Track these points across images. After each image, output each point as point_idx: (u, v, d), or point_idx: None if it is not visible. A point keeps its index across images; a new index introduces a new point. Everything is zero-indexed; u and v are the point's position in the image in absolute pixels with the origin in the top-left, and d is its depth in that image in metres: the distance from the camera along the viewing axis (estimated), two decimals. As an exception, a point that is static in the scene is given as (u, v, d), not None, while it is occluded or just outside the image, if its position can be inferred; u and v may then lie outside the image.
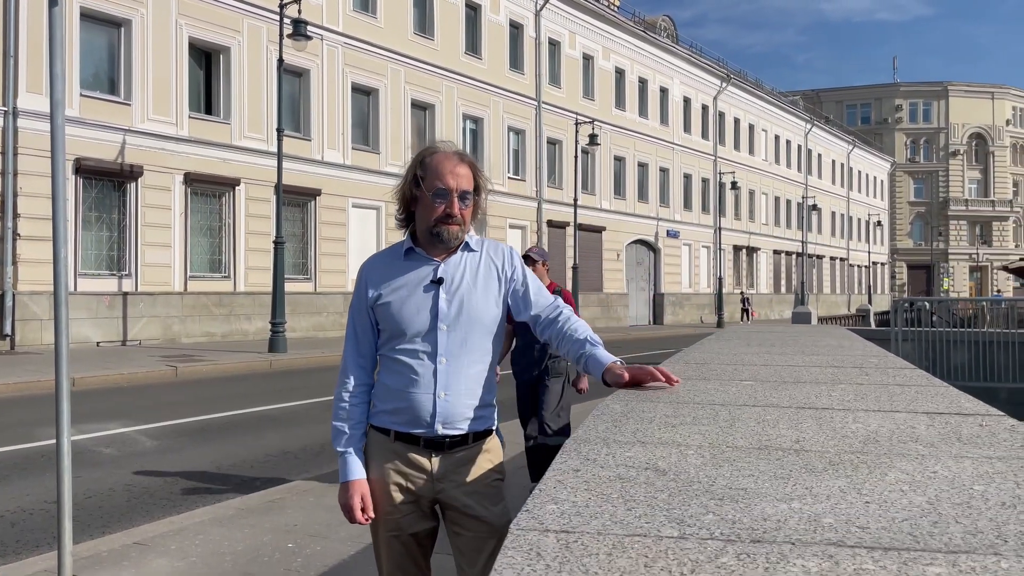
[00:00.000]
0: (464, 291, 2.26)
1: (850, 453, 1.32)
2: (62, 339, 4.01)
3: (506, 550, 0.81)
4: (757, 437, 1.45)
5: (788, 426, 1.57)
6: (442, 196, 2.24)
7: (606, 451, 1.32)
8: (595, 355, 2.25)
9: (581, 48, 34.38)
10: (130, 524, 5.50)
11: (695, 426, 1.56)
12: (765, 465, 1.22)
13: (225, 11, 20.69)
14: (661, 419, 1.64)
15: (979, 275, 72.25)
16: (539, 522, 0.91)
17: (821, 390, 2.14)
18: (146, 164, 18.89)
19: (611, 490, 1.07)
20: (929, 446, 1.37)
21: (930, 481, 1.15)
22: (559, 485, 1.08)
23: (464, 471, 2.28)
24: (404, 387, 2.25)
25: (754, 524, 0.93)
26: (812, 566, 0.81)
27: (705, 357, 3.20)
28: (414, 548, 2.37)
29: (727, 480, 1.13)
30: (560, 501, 1.00)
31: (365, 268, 2.39)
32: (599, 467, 1.20)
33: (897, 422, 1.61)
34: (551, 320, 2.38)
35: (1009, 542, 0.88)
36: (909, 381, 2.33)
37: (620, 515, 0.95)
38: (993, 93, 73.57)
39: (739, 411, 1.77)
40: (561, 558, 0.80)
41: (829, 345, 3.87)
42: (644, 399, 1.95)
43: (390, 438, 2.30)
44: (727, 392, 2.12)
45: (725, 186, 42.20)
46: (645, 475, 1.15)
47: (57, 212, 3.99)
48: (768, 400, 1.95)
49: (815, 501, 1.03)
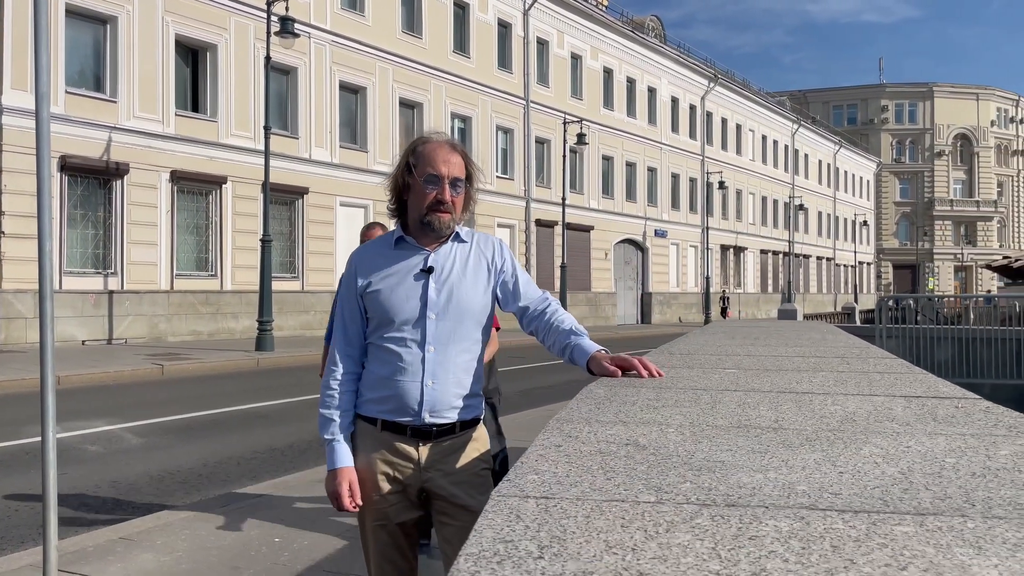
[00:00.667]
0: (454, 280, 2.27)
1: (827, 431, 1.35)
2: (47, 332, 4.00)
3: (486, 514, 0.83)
4: (737, 417, 1.48)
5: (768, 408, 1.59)
6: (433, 182, 2.24)
7: (588, 429, 1.33)
8: (580, 344, 2.27)
9: (569, 47, 34.43)
10: (116, 520, 5.49)
11: (676, 408, 1.59)
12: (743, 441, 1.25)
13: (212, 8, 20.61)
14: (643, 402, 1.66)
15: (964, 275, 72.80)
16: (519, 489, 0.93)
17: (802, 377, 2.17)
18: (132, 162, 18.80)
19: (591, 463, 1.09)
20: (904, 425, 1.40)
21: (903, 455, 1.17)
22: (541, 459, 1.10)
23: (451, 460, 2.29)
24: (392, 375, 2.25)
25: (729, 491, 0.95)
26: (784, 526, 0.83)
27: (690, 348, 3.23)
28: (401, 538, 2.37)
29: (705, 454, 1.15)
30: (541, 472, 1.02)
31: (355, 256, 2.40)
32: (580, 443, 1.22)
33: (875, 404, 1.64)
34: (539, 313, 2.38)
35: (976, 506, 0.91)
36: (889, 369, 2.36)
37: (599, 484, 0.97)
38: (978, 94, 74.14)
39: (720, 395, 1.79)
40: (540, 520, 0.81)
41: (812, 338, 3.90)
42: (627, 384, 1.97)
43: (377, 427, 2.30)
44: (709, 379, 2.14)
45: (712, 186, 42.36)
46: (625, 450, 1.17)
47: (43, 204, 3.98)
48: (749, 385, 1.97)
49: (790, 472, 1.06)
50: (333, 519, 5.15)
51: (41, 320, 4.02)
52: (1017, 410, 1.54)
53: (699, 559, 0.73)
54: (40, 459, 6.99)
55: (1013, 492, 0.96)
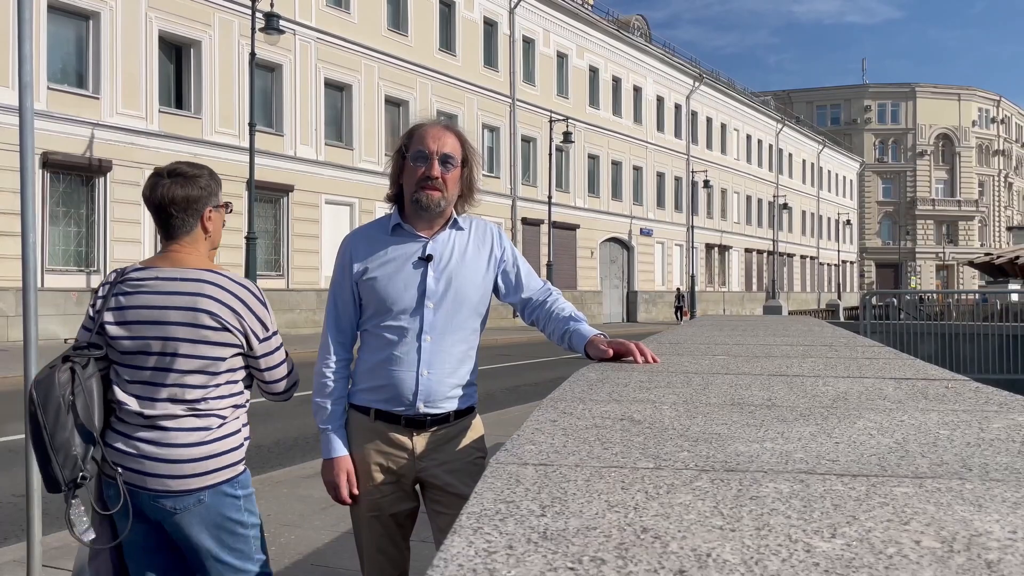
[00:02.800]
0: (453, 269, 2.24)
1: (820, 408, 1.35)
2: (31, 328, 3.96)
3: (485, 478, 0.83)
4: (730, 396, 1.48)
5: (760, 388, 1.60)
6: (422, 158, 2.21)
7: (582, 407, 1.33)
8: (579, 330, 2.26)
9: (555, 46, 34.45)
10: (100, 516, 5.44)
11: (669, 388, 1.59)
12: (738, 417, 1.25)
13: (195, 4, 20.47)
14: (636, 383, 1.66)
15: (945, 273, 73.42)
16: (517, 458, 0.92)
17: (792, 362, 2.18)
18: (115, 159, 18.64)
19: (588, 435, 1.08)
20: (897, 403, 1.41)
21: (897, 427, 1.18)
22: (537, 432, 1.10)
23: (446, 450, 2.27)
24: (386, 364, 2.22)
25: (727, 459, 0.95)
26: (784, 488, 0.83)
27: (678, 339, 3.24)
28: (394, 529, 2.34)
29: (701, 428, 1.15)
30: (538, 443, 1.01)
31: (349, 242, 2.34)
32: (575, 418, 1.22)
33: (866, 385, 1.64)
34: (540, 303, 2.37)
35: (973, 470, 0.91)
36: (877, 355, 2.37)
37: (597, 452, 0.97)
38: (960, 95, 74.77)
39: (712, 378, 1.80)
40: (540, 483, 0.81)
41: (799, 329, 3.93)
42: (620, 368, 1.97)
43: (370, 417, 2.27)
44: (700, 363, 2.15)
45: (698, 185, 42.51)
46: (621, 424, 1.17)
47: (26, 198, 3.94)
48: (740, 369, 1.98)
49: (786, 442, 1.06)
50: (320, 514, 5.13)
51: (25, 315, 3.98)
52: None
53: (701, 516, 0.73)
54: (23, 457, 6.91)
55: (1009, 459, 0.97)
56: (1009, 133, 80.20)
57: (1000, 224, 77.89)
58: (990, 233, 77.22)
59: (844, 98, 74.82)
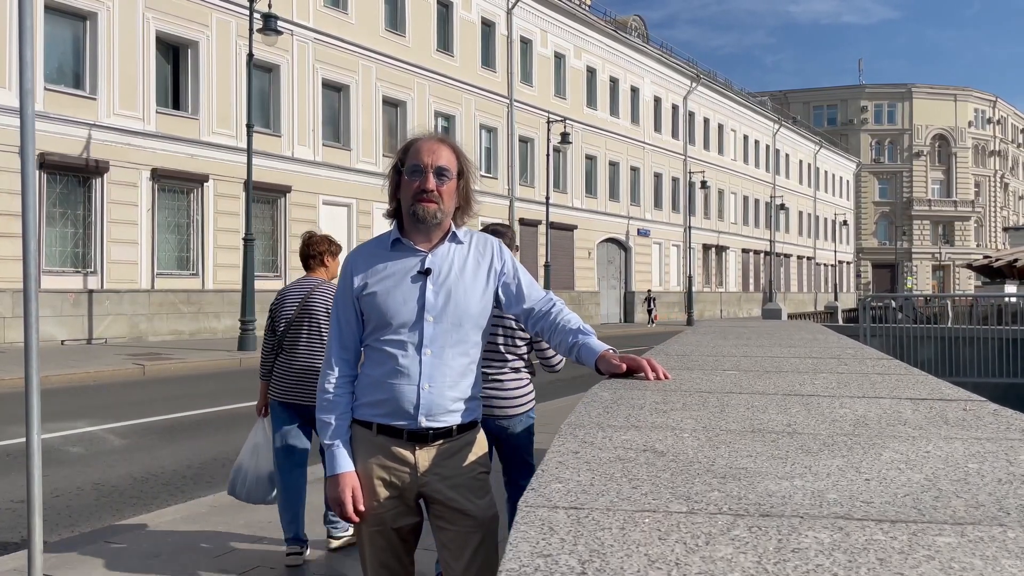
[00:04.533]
0: (452, 283, 2.24)
1: (842, 435, 1.33)
2: (32, 333, 3.94)
3: (518, 525, 0.81)
4: (749, 421, 1.46)
5: (777, 411, 1.58)
6: (417, 172, 2.21)
7: (602, 435, 1.32)
8: (588, 344, 2.25)
9: (553, 47, 34.44)
10: (99, 523, 5.42)
11: (686, 411, 1.57)
12: (761, 447, 1.23)
13: (193, 5, 20.43)
14: (651, 406, 1.64)
15: (942, 274, 73.58)
16: (547, 499, 0.91)
17: (804, 378, 2.16)
18: (112, 159, 18.60)
19: (613, 470, 1.07)
20: (918, 428, 1.39)
21: (925, 460, 1.16)
22: (561, 466, 1.08)
23: (448, 464, 2.26)
24: (387, 378, 2.22)
25: (760, 500, 0.93)
26: (824, 537, 0.81)
27: (685, 349, 3.22)
28: (397, 543, 2.34)
29: (726, 460, 1.13)
30: (564, 480, 1.00)
31: (351, 258, 2.35)
32: (597, 449, 1.20)
33: (883, 407, 1.63)
34: (544, 313, 2.36)
35: (1012, 514, 0.90)
36: (888, 370, 2.36)
37: (626, 492, 0.95)
38: (956, 95, 74.93)
39: (727, 398, 1.78)
40: (575, 532, 0.79)
41: (804, 338, 3.91)
42: (632, 387, 1.95)
43: (372, 431, 2.27)
44: (712, 381, 2.13)
45: (695, 185, 42.54)
46: (644, 456, 1.15)
47: (27, 203, 3.92)
48: (754, 388, 1.96)
49: (816, 479, 1.04)
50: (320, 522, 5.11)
51: (26, 321, 3.96)
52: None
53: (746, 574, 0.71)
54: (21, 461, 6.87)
55: (1043, 500, 0.95)
56: (1005, 134, 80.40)
57: (996, 224, 78.07)
58: (986, 234, 77.39)
59: (840, 98, 74.95)
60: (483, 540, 2.29)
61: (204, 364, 15.03)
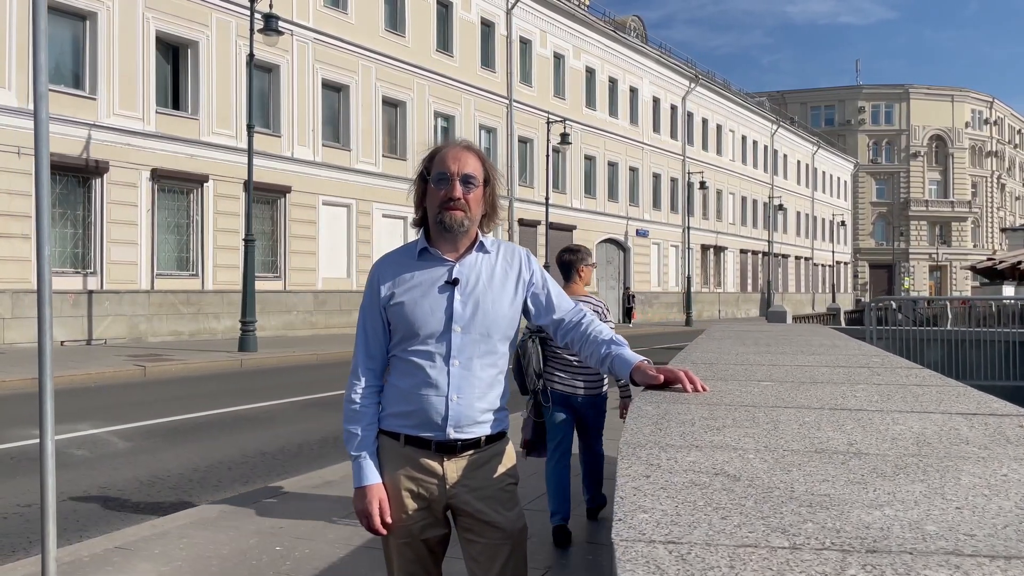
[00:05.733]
0: (480, 293, 2.22)
1: (910, 456, 1.31)
2: (46, 339, 3.92)
3: (622, 563, 0.78)
4: (808, 440, 1.44)
5: (832, 428, 1.56)
6: (444, 180, 2.21)
7: (665, 456, 1.29)
8: (621, 355, 2.22)
9: (552, 47, 34.42)
10: (108, 527, 5.38)
11: (738, 429, 1.54)
12: (833, 469, 1.20)
13: (193, 5, 20.37)
14: (701, 422, 1.62)
15: (939, 274, 73.71)
16: (640, 532, 0.88)
17: (843, 391, 2.14)
18: (112, 159, 18.54)
19: (693, 497, 1.04)
20: (983, 448, 1.37)
21: (1005, 485, 1.14)
22: (638, 492, 1.05)
23: (477, 476, 2.24)
24: (415, 389, 2.20)
25: (858, 533, 0.91)
26: (943, 577, 0.78)
27: (708, 357, 3.20)
28: (426, 555, 2.32)
29: (804, 485, 1.11)
30: (648, 510, 0.97)
31: (377, 267, 2.33)
32: (667, 472, 1.17)
33: (936, 424, 1.60)
34: (574, 324, 2.34)
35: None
36: (924, 381, 2.34)
37: (717, 524, 0.92)
38: (953, 96, 75.06)
39: (774, 412, 1.75)
40: (684, 572, 0.76)
41: (824, 344, 3.88)
42: (673, 400, 1.92)
43: (400, 442, 2.25)
44: (751, 393, 2.10)
45: (693, 186, 42.55)
46: (719, 481, 1.12)
47: (41, 207, 3.89)
48: (796, 401, 1.93)
49: (904, 507, 1.02)
50: (333, 527, 5.08)
51: (40, 326, 3.94)
52: None
53: (880, 623, 0.68)
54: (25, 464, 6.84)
55: None
56: (1002, 134, 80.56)
57: (993, 225, 78.24)
58: (983, 234, 77.55)
59: (838, 99, 75.05)
60: (512, 552, 2.27)
61: (205, 365, 14.98)
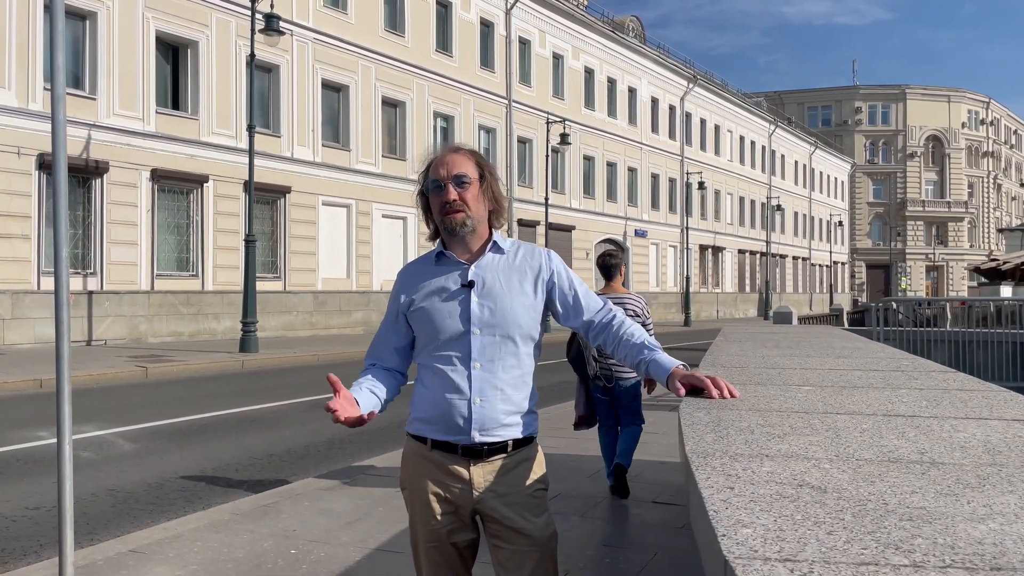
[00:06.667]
0: (497, 294, 2.21)
1: (986, 466, 1.29)
2: (63, 341, 3.89)
3: (748, 584, 0.76)
4: (875, 448, 1.41)
5: (894, 436, 1.53)
6: (438, 188, 2.22)
7: (740, 466, 1.26)
8: (656, 359, 2.20)
9: (551, 47, 34.42)
10: (118, 530, 5.35)
11: (800, 436, 1.52)
12: (916, 480, 1.18)
13: (193, 5, 20.31)
14: (759, 429, 1.59)
15: (935, 274, 73.85)
16: (750, 549, 0.85)
17: (887, 395, 2.12)
18: (112, 160, 18.48)
19: (788, 510, 1.01)
20: (1057, 457, 1.35)
21: (1097, 496, 1.11)
22: (729, 505, 1.03)
23: (504, 481, 2.21)
24: (439, 393, 2.20)
25: (973, 548, 0.88)
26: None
27: (736, 361, 3.17)
28: (455, 559, 2.30)
29: (895, 497, 1.08)
30: (748, 524, 0.94)
31: (400, 275, 2.36)
32: (749, 484, 1.15)
33: (998, 430, 1.58)
34: (605, 325, 2.32)
35: None
36: (964, 386, 2.32)
37: (824, 539, 0.90)
38: (949, 96, 75.23)
39: (828, 419, 1.73)
40: (815, 594, 0.74)
41: (846, 347, 3.86)
42: (722, 407, 1.90)
43: (427, 446, 2.24)
44: (796, 399, 2.08)
45: (692, 186, 42.58)
46: (807, 492, 1.10)
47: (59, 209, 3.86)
48: (846, 407, 1.91)
49: (1006, 520, 0.99)
50: (347, 529, 5.05)
51: (57, 329, 3.91)
52: None
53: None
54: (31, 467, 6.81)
55: None
56: (998, 135, 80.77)
57: (989, 225, 78.43)
58: (979, 234, 77.72)
59: (835, 99, 75.17)
60: (540, 560, 2.25)
61: (206, 366, 14.94)
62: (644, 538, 4.94)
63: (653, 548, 4.71)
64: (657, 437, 7.77)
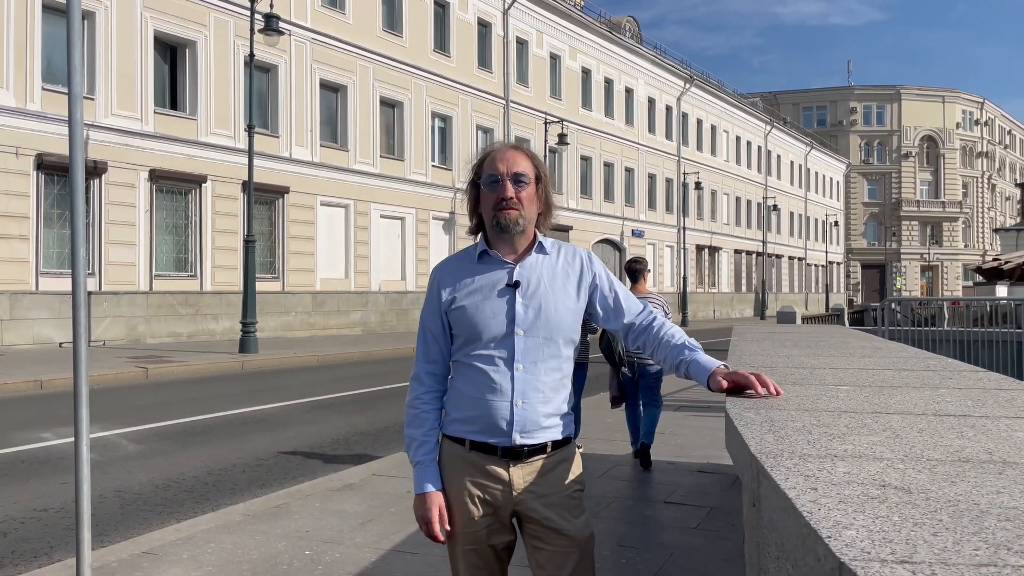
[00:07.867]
0: (542, 295, 2.18)
1: (1058, 465, 1.28)
2: (81, 343, 3.87)
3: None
4: (941, 448, 1.40)
5: (954, 435, 1.52)
6: (495, 182, 2.19)
7: (812, 466, 1.25)
8: (697, 360, 2.19)
9: (548, 47, 34.42)
10: (128, 531, 5.33)
11: (861, 436, 1.51)
12: (997, 480, 1.17)
13: (191, 4, 20.26)
14: (816, 430, 1.58)
15: (930, 274, 74.08)
16: (863, 551, 0.84)
17: (930, 395, 2.11)
18: (110, 160, 18.42)
19: (882, 511, 1.00)
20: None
21: None
22: (819, 506, 1.02)
23: (543, 482, 2.20)
24: (480, 394, 2.17)
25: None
26: None
27: (760, 361, 3.16)
28: (492, 560, 2.28)
29: (984, 498, 1.07)
30: (849, 526, 0.93)
31: (437, 271, 2.31)
32: (830, 485, 1.13)
33: (1051, 430, 1.58)
34: (645, 327, 2.31)
35: None
36: (1002, 385, 2.31)
37: (932, 540, 0.89)
38: (944, 97, 75.48)
39: (882, 419, 1.72)
40: (943, 598, 0.73)
41: (865, 346, 3.86)
42: (770, 407, 1.89)
43: (465, 448, 2.21)
44: (838, 399, 2.07)
45: (688, 186, 42.62)
46: (893, 493, 1.09)
47: (76, 210, 3.84)
48: (893, 407, 1.90)
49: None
50: (359, 530, 5.03)
51: (75, 330, 3.89)
52: None
53: None
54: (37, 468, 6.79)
55: None
56: (992, 135, 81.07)
57: (984, 225, 78.70)
58: (973, 234, 77.99)
59: (830, 100, 75.37)
60: (580, 560, 2.23)
61: (207, 367, 14.89)
62: (658, 538, 4.93)
63: (668, 548, 4.71)
64: (665, 438, 7.77)
